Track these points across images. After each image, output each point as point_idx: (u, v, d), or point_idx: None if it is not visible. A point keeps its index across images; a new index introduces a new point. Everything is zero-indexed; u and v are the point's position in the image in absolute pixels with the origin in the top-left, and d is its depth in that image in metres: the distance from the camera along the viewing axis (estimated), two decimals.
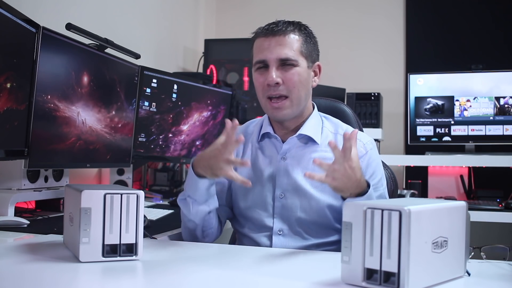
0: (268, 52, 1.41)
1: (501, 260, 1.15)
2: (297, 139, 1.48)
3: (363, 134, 1.53)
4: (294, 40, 1.43)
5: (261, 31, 1.45)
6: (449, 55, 3.30)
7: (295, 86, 1.41)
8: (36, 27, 1.56)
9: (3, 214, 1.57)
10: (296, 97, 1.42)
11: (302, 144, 1.48)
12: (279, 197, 1.46)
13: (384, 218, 0.87)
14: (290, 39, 1.42)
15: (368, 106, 3.05)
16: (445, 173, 3.13)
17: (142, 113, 2.22)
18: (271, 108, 1.43)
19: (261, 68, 1.43)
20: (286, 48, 1.41)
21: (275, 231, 1.45)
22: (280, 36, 1.42)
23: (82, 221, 1.05)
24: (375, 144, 1.52)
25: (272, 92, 1.41)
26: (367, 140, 1.49)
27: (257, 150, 1.52)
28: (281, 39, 1.41)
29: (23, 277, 0.98)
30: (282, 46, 1.41)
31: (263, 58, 1.42)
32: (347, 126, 1.54)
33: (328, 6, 3.55)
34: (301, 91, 1.43)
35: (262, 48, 1.43)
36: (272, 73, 1.40)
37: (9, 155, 1.51)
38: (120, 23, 2.61)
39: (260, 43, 1.44)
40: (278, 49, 1.40)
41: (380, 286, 0.88)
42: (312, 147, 1.48)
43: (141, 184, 2.71)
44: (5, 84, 1.43)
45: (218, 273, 1.06)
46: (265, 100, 1.44)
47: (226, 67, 3.25)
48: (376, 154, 1.49)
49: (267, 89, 1.42)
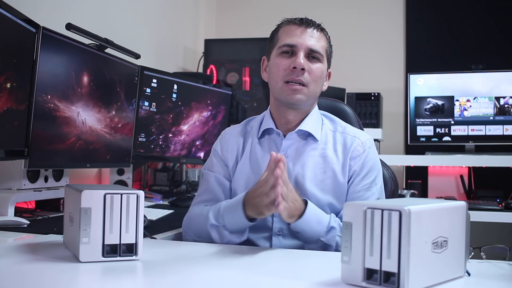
0: (300, 39, 1.43)
1: (501, 260, 1.15)
2: (297, 135, 1.48)
3: (362, 132, 1.53)
4: (323, 37, 1.48)
5: (294, 19, 1.47)
6: (449, 55, 3.30)
7: (315, 79, 1.44)
8: (36, 27, 1.56)
9: (3, 214, 1.57)
10: (312, 89, 1.44)
11: (302, 140, 1.48)
12: None
13: (384, 218, 0.87)
14: (321, 35, 1.47)
15: (368, 106, 3.05)
16: (445, 173, 3.13)
17: (142, 113, 2.22)
18: (288, 89, 1.42)
19: (286, 53, 1.44)
20: (317, 41, 1.44)
21: (275, 231, 1.44)
22: (313, 29, 1.45)
23: (82, 221, 1.05)
24: (373, 143, 1.52)
25: (295, 77, 1.41)
26: (365, 139, 1.49)
27: (257, 146, 1.51)
28: (314, 32, 1.45)
29: (23, 277, 0.98)
30: (314, 38, 1.44)
31: (294, 43, 1.43)
32: (345, 124, 1.54)
33: (329, 6, 3.55)
34: (318, 87, 1.46)
35: (294, 34, 1.44)
36: (300, 58, 1.41)
37: (9, 155, 1.51)
38: (120, 23, 2.61)
39: (291, 28, 1.45)
40: (310, 39, 1.43)
41: (380, 286, 0.88)
42: (312, 144, 1.48)
43: (141, 184, 2.71)
44: (5, 84, 1.43)
45: (218, 273, 1.06)
46: (282, 84, 1.44)
47: (226, 67, 3.25)
48: (373, 153, 1.49)
49: (290, 73, 1.42)
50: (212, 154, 1.57)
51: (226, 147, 1.54)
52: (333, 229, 1.33)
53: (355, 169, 1.45)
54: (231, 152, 1.53)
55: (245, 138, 1.54)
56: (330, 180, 1.44)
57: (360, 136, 1.49)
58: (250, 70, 3.22)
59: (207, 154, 2.57)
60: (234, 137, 1.55)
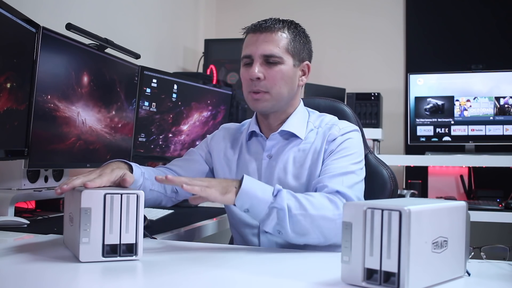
0: (254, 47, 1.43)
1: (501, 260, 1.15)
2: (279, 135, 1.50)
3: (345, 122, 1.50)
4: (281, 37, 1.43)
5: (250, 27, 1.47)
6: (449, 55, 3.30)
7: (276, 83, 1.43)
8: (36, 27, 1.56)
9: (3, 214, 1.57)
10: (276, 93, 1.43)
11: (285, 140, 1.50)
12: None
13: (384, 218, 0.87)
14: (277, 36, 1.43)
15: (368, 106, 3.05)
16: (445, 173, 3.13)
17: (142, 113, 2.22)
18: (251, 99, 1.45)
19: (247, 64, 1.45)
20: (271, 44, 1.42)
21: (262, 229, 1.45)
22: (267, 32, 1.43)
23: (82, 221, 1.05)
24: (356, 130, 1.48)
25: (253, 88, 1.43)
26: (344, 126, 1.47)
27: (244, 148, 1.55)
28: (268, 36, 1.43)
29: (23, 277, 0.98)
30: (268, 42, 1.42)
31: (249, 53, 1.44)
32: (330, 118, 1.52)
33: (328, 6, 3.55)
34: (283, 88, 1.44)
35: (249, 43, 1.45)
36: (254, 68, 1.41)
37: (9, 155, 1.51)
38: (120, 23, 2.61)
39: (248, 39, 1.46)
40: (263, 45, 1.42)
41: (380, 286, 0.88)
42: (294, 141, 1.49)
43: None
44: (5, 84, 1.43)
45: (218, 273, 1.06)
46: (247, 94, 1.46)
47: (226, 67, 3.25)
48: (352, 139, 1.44)
49: (250, 84, 1.44)
50: (205, 139, 1.65)
51: (216, 138, 1.61)
52: (280, 191, 1.26)
53: (331, 149, 1.43)
54: (220, 145, 1.58)
55: (236, 138, 1.59)
56: (309, 170, 1.43)
57: (339, 124, 1.48)
58: None
59: None
60: (224, 133, 1.62)
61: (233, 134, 1.60)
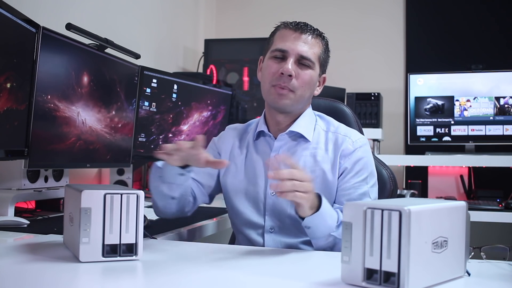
0: (292, 44, 1.43)
1: (501, 260, 1.15)
2: (287, 136, 1.50)
3: (355, 132, 1.52)
4: (317, 44, 1.47)
5: (290, 24, 1.48)
6: (449, 55, 3.30)
7: (303, 85, 1.44)
8: (36, 27, 1.56)
9: (3, 214, 1.57)
10: (300, 95, 1.45)
11: (293, 141, 1.50)
12: (271, 194, 1.47)
13: (384, 218, 0.87)
14: (315, 41, 1.46)
15: (368, 106, 3.05)
16: (445, 173, 3.13)
17: (142, 113, 2.22)
18: (274, 93, 1.44)
19: (277, 58, 1.45)
20: (310, 48, 1.44)
21: (267, 229, 1.47)
22: (308, 35, 1.45)
23: (82, 221, 1.05)
24: (367, 143, 1.51)
25: (282, 83, 1.42)
26: (357, 138, 1.49)
27: (251, 148, 1.55)
28: (307, 38, 1.45)
29: (23, 277, 0.98)
30: (307, 44, 1.44)
31: (285, 48, 1.43)
32: (339, 124, 1.54)
33: (328, 6, 3.55)
34: (307, 92, 1.46)
35: (287, 38, 1.45)
36: (289, 64, 1.42)
37: (9, 155, 1.51)
38: (120, 23, 2.61)
39: (285, 33, 1.46)
40: (303, 46, 1.43)
41: (380, 286, 0.88)
42: (303, 144, 1.49)
43: (141, 184, 2.71)
44: (5, 84, 1.43)
45: (218, 273, 1.06)
46: (270, 87, 1.45)
47: (226, 67, 3.25)
48: (365, 152, 1.48)
49: (278, 78, 1.43)
50: (211, 142, 1.64)
51: (223, 139, 1.61)
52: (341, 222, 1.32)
53: (346, 166, 1.45)
54: (227, 144, 1.58)
55: (243, 137, 1.58)
56: (320, 179, 1.44)
57: (351, 136, 1.49)
58: (250, 70, 3.22)
59: None
60: (232, 133, 1.61)
61: (240, 134, 1.60)
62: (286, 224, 1.45)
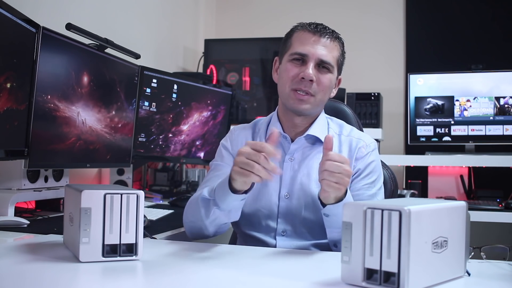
0: (312, 48, 1.42)
1: (501, 260, 1.15)
2: (304, 139, 1.49)
3: (366, 136, 1.55)
4: (336, 47, 1.46)
5: (309, 26, 1.46)
6: (449, 55, 3.30)
7: (323, 89, 1.44)
8: (36, 27, 1.56)
9: (3, 214, 1.57)
10: (320, 99, 1.45)
11: (309, 144, 1.50)
12: (285, 197, 1.46)
13: (384, 218, 0.87)
14: (334, 44, 1.46)
15: (368, 106, 3.05)
16: (445, 173, 3.13)
17: (142, 113, 2.22)
18: (295, 98, 1.43)
19: (297, 60, 1.44)
20: (329, 52, 1.44)
21: (279, 231, 1.46)
22: (327, 38, 1.44)
23: (82, 221, 1.05)
24: (376, 146, 1.54)
25: (303, 87, 1.42)
26: (370, 142, 1.52)
27: None
28: (327, 42, 1.44)
29: (23, 277, 0.98)
30: (327, 48, 1.43)
31: (305, 53, 1.42)
32: (351, 128, 1.56)
33: (328, 6, 3.55)
34: (326, 96, 1.47)
35: (307, 42, 1.43)
36: (310, 69, 1.41)
37: (9, 155, 1.51)
38: (120, 23, 2.61)
39: (305, 36, 1.45)
40: (323, 50, 1.43)
41: (380, 286, 0.88)
42: (319, 147, 1.48)
43: (141, 184, 2.71)
44: (5, 84, 1.43)
45: (218, 273, 1.06)
46: (290, 90, 1.44)
47: (226, 67, 3.25)
48: (376, 156, 1.52)
49: (298, 82, 1.42)
50: (222, 148, 1.57)
51: (235, 142, 1.56)
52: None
53: (359, 167, 1.47)
54: (240, 144, 1.53)
55: (253, 138, 1.56)
56: None
57: (365, 139, 1.51)
58: (250, 70, 3.22)
59: (207, 154, 2.57)
60: (243, 134, 1.57)
61: (249, 133, 1.57)
62: (298, 227, 1.45)
